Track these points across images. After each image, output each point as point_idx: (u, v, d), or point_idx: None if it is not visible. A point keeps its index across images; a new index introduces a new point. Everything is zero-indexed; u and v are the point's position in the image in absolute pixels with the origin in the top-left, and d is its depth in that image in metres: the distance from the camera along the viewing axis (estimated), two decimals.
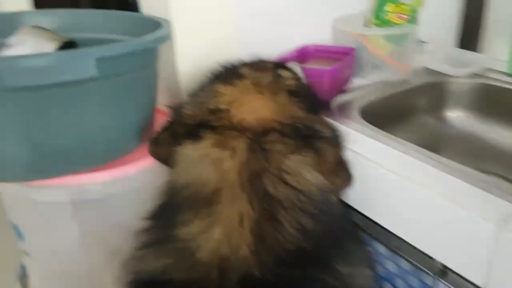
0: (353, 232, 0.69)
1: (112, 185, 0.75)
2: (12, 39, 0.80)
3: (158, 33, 0.69)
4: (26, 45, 0.79)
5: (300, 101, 0.67)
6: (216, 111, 0.64)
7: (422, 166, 0.66)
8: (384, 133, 0.77)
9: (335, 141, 0.66)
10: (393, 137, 0.75)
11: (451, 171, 0.63)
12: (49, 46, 0.81)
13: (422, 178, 0.63)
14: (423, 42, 1.26)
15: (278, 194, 0.57)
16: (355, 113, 0.85)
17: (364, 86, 0.98)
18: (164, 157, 0.66)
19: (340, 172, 0.64)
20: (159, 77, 0.81)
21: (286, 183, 0.58)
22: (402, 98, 0.98)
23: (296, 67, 0.81)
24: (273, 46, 1.00)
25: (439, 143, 0.99)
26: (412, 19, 1.02)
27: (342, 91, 0.94)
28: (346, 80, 0.96)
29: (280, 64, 0.75)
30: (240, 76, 0.68)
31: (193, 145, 0.61)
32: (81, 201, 0.76)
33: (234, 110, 0.63)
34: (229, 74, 0.70)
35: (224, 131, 0.61)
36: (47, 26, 0.89)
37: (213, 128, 0.62)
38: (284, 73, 0.72)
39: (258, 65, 0.72)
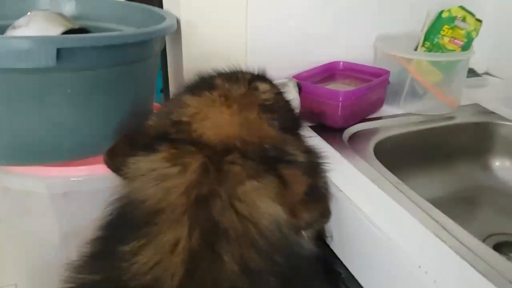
0: (320, 280, 0.57)
1: (92, 181, 0.72)
2: (20, 21, 0.78)
3: (141, 30, 0.63)
4: (31, 27, 0.77)
5: (274, 118, 0.58)
6: (178, 124, 0.57)
7: (427, 235, 0.52)
8: (395, 179, 0.63)
9: (309, 168, 0.56)
10: (403, 186, 0.61)
11: (464, 253, 0.49)
12: (55, 30, 0.78)
13: (422, 250, 0.50)
14: (489, 74, 1.10)
15: (224, 223, 0.49)
16: (368, 148, 0.73)
17: (395, 116, 0.85)
18: (119, 168, 0.59)
19: (311, 206, 0.54)
20: (155, 76, 0.76)
21: (236, 212, 0.49)
22: (439, 137, 0.83)
23: (291, 83, 0.71)
24: (301, 60, 0.91)
25: (477, 197, 0.83)
26: (466, 45, 0.87)
27: (364, 118, 0.82)
28: (372, 106, 0.84)
29: (260, 76, 0.66)
30: (211, 87, 0.61)
31: (144, 157, 0.55)
32: (59, 194, 0.74)
33: (196, 123, 0.56)
34: (200, 84, 0.63)
35: (180, 146, 0.54)
36: (67, 13, 0.89)
37: (171, 141, 0.55)
38: (261, 86, 0.63)
39: (233, 76, 0.64)
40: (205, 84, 0.63)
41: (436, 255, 0.49)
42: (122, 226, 0.53)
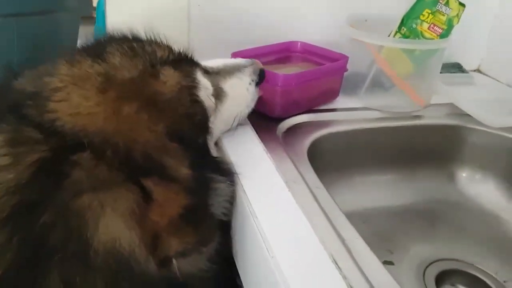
0: None
1: None
2: None
3: None
4: None
5: (159, 119, 0.45)
6: (36, 96, 0.44)
7: (319, 259, 0.41)
8: (318, 183, 0.52)
9: (195, 186, 0.44)
10: (322, 192, 0.51)
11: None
12: None
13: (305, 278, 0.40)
14: (480, 72, 0.97)
15: (51, 238, 0.38)
16: (303, 144, 0.61)
17: (350, 109, 0.73)
18: None
19: (184, 231, 0.42)
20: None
21: (66, 226, 0.39)
22: (399, 138, 0.71)
23: (248, 69, 0.59)
24: (255, 36, 0.80)
25: (436, 212, 0.70)
26: (446, 33, 0.75)
27: (310, 109, 0.70)
28: (321, 96, 0.72)
29: (178, 58, 0.52)
30: (97, 56, 0.47)
31: None
32: None
33: (54, 102, 0.43)
34: (90, 48, 0.50)
35: (26, 128, 0.42)
36: None
37: (20, 118, 0.44)
38: (166, 72, 0.49)
39: (136, 49, 0.49)
40: (95, 49, 0.49)
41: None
42: None
